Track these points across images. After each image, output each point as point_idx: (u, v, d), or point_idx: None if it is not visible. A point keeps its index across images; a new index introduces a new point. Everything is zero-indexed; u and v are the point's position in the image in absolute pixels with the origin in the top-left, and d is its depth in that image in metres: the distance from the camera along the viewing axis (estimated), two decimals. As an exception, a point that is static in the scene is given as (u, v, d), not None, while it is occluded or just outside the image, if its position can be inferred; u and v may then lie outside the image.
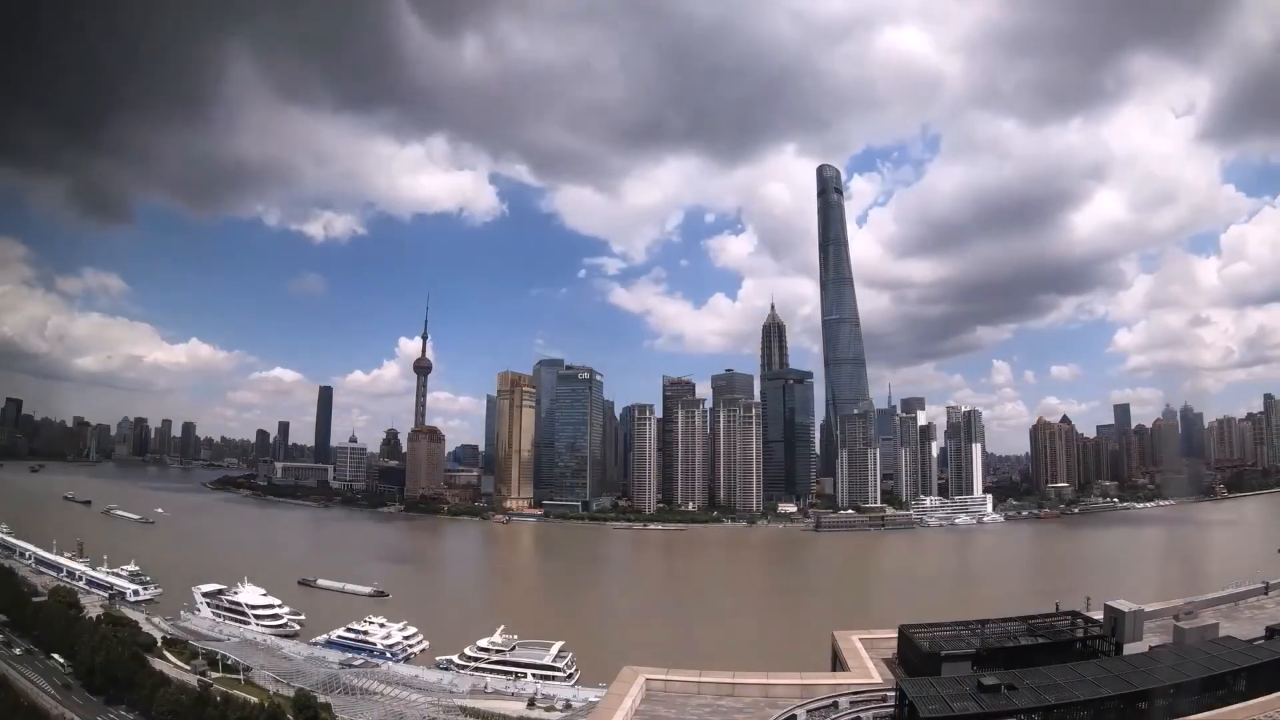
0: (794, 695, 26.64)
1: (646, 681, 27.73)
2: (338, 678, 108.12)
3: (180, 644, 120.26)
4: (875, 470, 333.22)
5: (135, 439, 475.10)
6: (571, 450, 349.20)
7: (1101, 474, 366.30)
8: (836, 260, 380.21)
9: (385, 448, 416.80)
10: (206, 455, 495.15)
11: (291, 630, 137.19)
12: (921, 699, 22.19)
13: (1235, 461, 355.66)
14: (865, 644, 31.53)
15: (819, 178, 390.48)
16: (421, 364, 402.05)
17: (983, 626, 30.88)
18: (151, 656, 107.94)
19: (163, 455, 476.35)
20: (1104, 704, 22.89)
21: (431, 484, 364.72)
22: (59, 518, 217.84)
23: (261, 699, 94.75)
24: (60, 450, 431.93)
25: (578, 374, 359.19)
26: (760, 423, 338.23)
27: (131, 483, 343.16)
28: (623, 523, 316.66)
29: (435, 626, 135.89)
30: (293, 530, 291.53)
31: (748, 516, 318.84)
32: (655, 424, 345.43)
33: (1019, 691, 22.85)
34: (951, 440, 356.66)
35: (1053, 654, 28.32)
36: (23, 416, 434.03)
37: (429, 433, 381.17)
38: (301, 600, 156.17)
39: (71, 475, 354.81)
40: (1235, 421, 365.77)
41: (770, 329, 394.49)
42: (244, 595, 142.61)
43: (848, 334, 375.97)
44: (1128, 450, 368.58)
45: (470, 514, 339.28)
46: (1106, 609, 30.11)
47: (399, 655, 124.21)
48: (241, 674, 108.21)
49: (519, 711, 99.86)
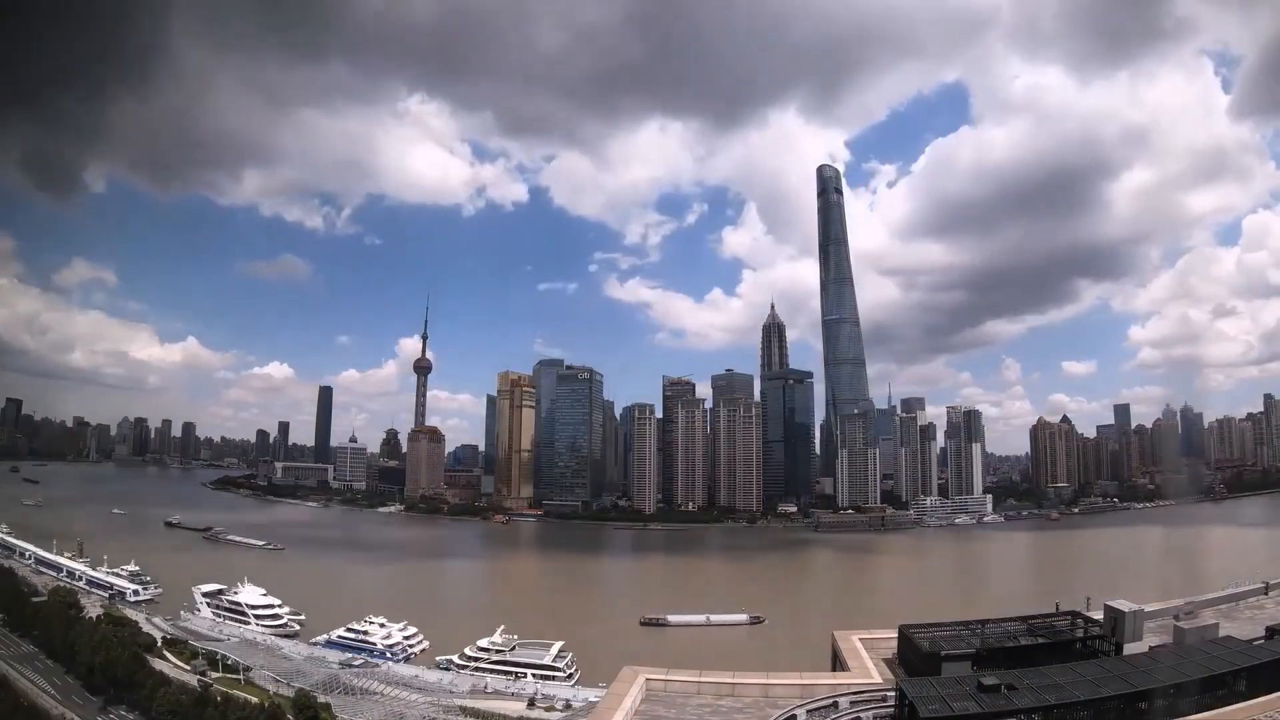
0: (794, 695, 26.66)
1: (646, 681, 27.75)
2: (338, 678, 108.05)
3: (180, 644, 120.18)
4: (875, 470, 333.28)
5: (135, 439, 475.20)
6: (571, 450, 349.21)
7: (1101, 474, 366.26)
8: (837, 260, 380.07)
9: (385, 448, 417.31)
10: (206, 455, 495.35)
11: (291, 630, 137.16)
12: (921, 699, 22.21)
13: (1235, 461, 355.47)
14: (865, 644, 31.58)
15: (819, 177, 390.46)
16: (421, 364, 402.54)
17: (983, 626, 30.92)
18: (151, 656, 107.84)
19: (162, 455, 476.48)
20: (1104, 704, 22.92)
21: (431, 484, 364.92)
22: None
23: (261, 699, 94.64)
24: (60, 450, 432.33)
25: (578, 374, 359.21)
26: (760, 423, 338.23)
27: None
28: (623, 523, 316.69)
29: (436, 627, 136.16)
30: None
31: (748, 516, 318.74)
32: (655, 424, 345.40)
33: (1019, 691, 22.87)
34: (952, 440, 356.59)
35: (1053, 654, 28.37)
36: (23, 416, 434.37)
37: (429, 433, 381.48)
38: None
39: (82, 480, 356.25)
40: (1235, 421, 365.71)
41: (770, 329, 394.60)
42: (244, 595, 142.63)
43: (848, 334, 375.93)
44: (1128, 450, 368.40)
45: (470, 514, 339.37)
46: (1106, 609, 30.14)
47: (399, 655, 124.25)
48: (241, 674, 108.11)
49: (519, 711, 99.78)
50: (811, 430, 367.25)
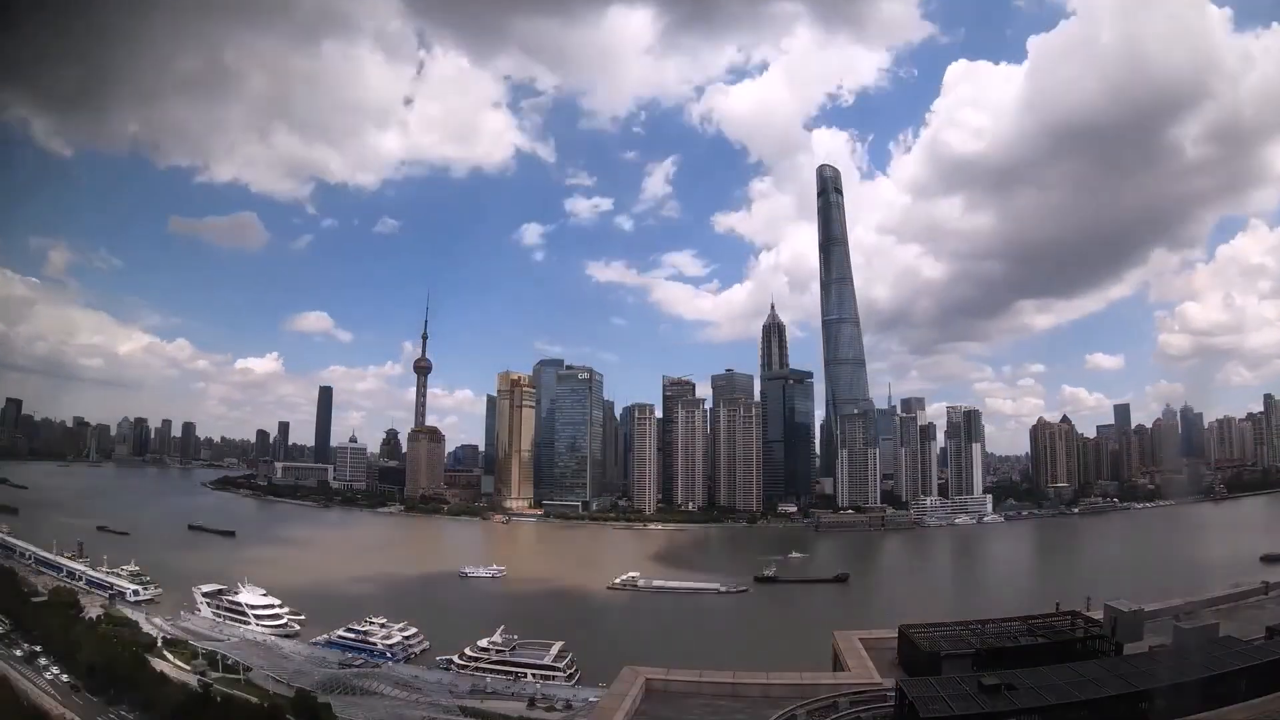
0: (794, 695, 26.65)
1: (646, 681, 27.76)
2: (338, 678, 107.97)
3: (180, 644, 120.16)
4: (875, 470, 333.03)
5: (135, 439, 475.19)
6: (571, 450, 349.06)
7: (1102, 474, 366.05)
8: (837, 260, 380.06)
9: (385, 448, 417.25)
10: (207, 455, 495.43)
11: (291, 630, 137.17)
12: (921, 699, 22.22)
13: (1235, 461, 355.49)
14: (865, 644, 31.60)
15: (819, 177, 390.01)
16: (421, 364, 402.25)
17: (983, 626, 30.98)
18: (152, 656, 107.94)
19: (162, 455, 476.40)
20: (1104, 704, 22.91)
21: (431, 484, 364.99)
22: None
23: (261, 699, 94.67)
24: (60, 450, 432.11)
25: (578, 374, 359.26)
26: (760, 423, 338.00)
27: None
28: (622, 522, 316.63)
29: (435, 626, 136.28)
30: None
31: (748, 516, 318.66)
32: (655, 424, 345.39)
33: (1019, 691, 22.87)
34: (952, 440, 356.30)
35: (1053, 654, 28.39)
36: (23, 416, 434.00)
37: (429, 433, 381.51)
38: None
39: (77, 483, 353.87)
40: (1235, 421, 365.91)
41: (770, 329, 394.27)
42: (244, 595, 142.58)
43: (848, 334, 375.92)
44: (1128, 450, 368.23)
45: (470, 514, 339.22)
46: (1106, 609, 30.21)
47: (399, 655, 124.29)
48: (241, 674, 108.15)
49: (519, 711, 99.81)
50: (811, 430, 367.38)
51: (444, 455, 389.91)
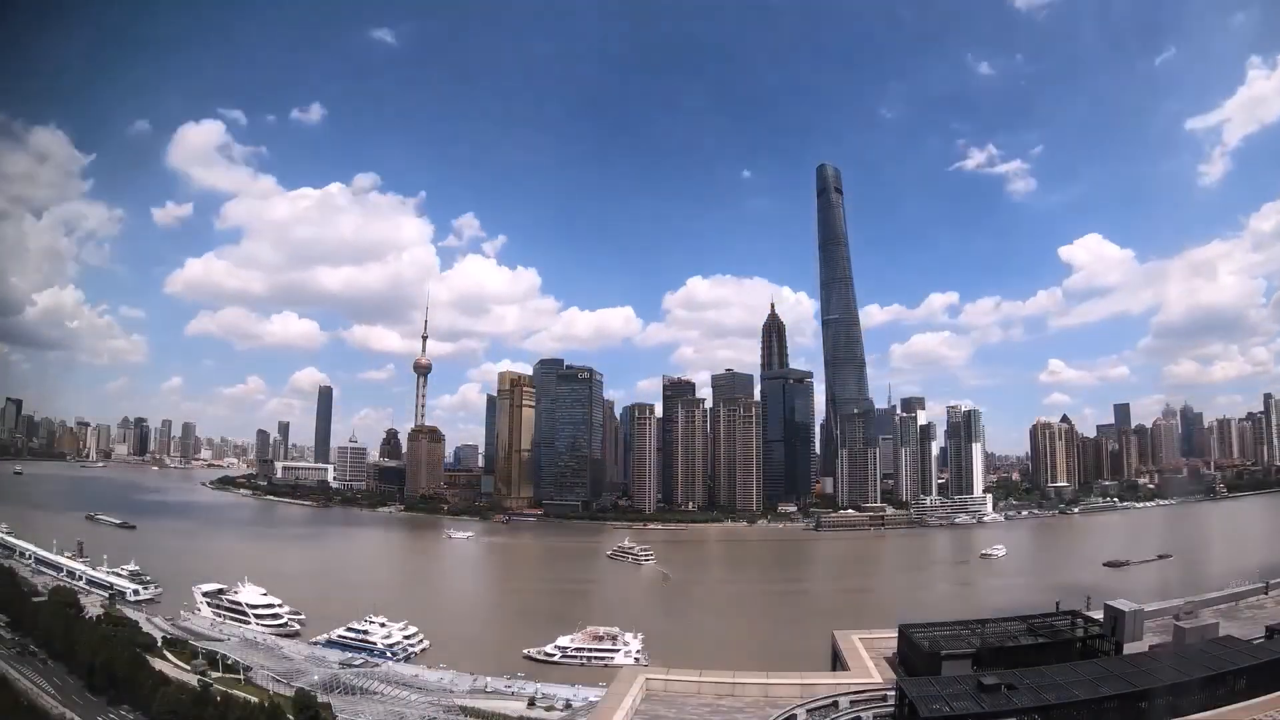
0: (794, 695, 26.64)
1: (646, 681, 27.76)
2: (338, 678, 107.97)
3: (180, 644, 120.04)
4: (875, 470, 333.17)
5: (135, 439, 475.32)
6: (571, 450, 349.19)
7: (1101, 474, 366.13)
8: (837, 260, 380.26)
9: (385, 448, 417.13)
10: (207, 455, 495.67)
11: (291, 630, 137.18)
12: (921, 699, 22.20)
13: (1235, 461, 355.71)
14: (865, 644, 31.60)
15: (819, 177, 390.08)
16: (421, 364, 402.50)
17: (983, 626, 30.94)
18: (152, 656, 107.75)
19: (162, 455, 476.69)
20: (1104, 704, 22.90)
21: (431, 484, 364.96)
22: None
23: (261, 699, 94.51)
24: (60, 450, 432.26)
25: (578, 374, 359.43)
26: (760, 423, 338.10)
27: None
28: (622, 522, 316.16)
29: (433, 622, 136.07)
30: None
31: (748, 516, 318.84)
32: (655, 424, 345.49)
33: (1019, 691, 22.85)
34: (952, 440, 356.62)
35: (1053, 654, 28.37)
36: (23, 416, 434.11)
37: (429, 432, 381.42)
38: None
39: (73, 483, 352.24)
40: (1235, 421, 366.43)
41: (770, 329, 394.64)
42: (244, 595, 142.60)
43: (848, 334, 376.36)
44: (1128, 450, 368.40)
45: (470, 514, 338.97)
46: (1106, 609, 30.20)
47: (399, 655, 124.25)
48: (241, 674, 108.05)
49: (519, 711, 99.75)
50: (811, 430, 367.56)
51: (444, 455, 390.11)
